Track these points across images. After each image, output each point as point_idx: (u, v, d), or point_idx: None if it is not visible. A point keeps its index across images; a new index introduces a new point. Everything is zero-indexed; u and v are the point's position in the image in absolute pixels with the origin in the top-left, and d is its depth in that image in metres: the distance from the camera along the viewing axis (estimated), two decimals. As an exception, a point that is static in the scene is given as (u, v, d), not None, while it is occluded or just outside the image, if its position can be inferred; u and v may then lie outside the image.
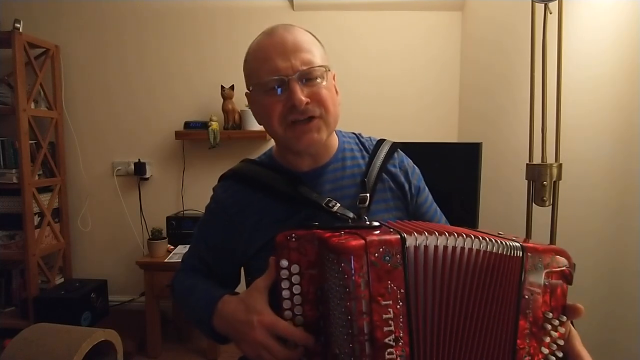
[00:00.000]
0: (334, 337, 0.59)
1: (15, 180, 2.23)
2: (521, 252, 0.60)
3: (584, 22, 1.35)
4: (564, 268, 0.62)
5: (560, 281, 0.61)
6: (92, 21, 2.48)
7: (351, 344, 0.56)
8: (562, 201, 1.24)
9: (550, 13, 1.21)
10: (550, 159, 1.24)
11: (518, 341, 0.59)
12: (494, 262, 0.59)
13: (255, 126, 2.36)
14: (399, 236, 0.58)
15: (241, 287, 0.77)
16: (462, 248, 0.59)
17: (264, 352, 0.64)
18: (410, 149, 0.97)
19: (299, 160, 0.82)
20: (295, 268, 0.64)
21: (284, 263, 0.64)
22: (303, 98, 0.71)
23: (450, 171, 1.77)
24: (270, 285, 0.67)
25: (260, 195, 0.81)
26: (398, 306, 0.56)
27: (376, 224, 0.67)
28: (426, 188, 0.93)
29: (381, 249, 0.56)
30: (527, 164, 1.29)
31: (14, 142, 2.24)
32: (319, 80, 0.74)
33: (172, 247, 2.30)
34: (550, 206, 1.24)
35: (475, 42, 2.29)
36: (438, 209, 0.95)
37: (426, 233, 0.59)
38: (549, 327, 0.60)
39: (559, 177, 1.23)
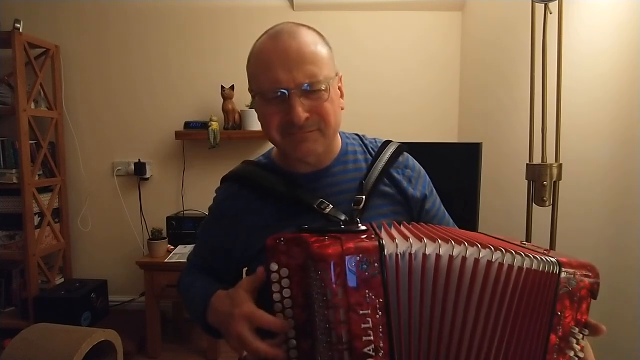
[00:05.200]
0: (317, 343, 0.58)
1: (15, 180, 2.23)
2: (557, 269, 0.59)
3: (584, 22, 1.35)
4: (593, 283, 0.61)
5: (587, 295, 0.61)
6: (92, 21, 2.48)
7: (330, 352, 0.55)
8: (562, 201, 1.25)
9: (550, 13, 1.21)
10: (550, 159, 1.24)
11: (547, 356, 0.59)
12: (524, 279, 0.58)
13: (255, 126, 2.36)
14: (377, 243, 0.56)
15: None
16: (488, 261, 0.57)
17: (239, 343, 0.64)
18: (410, 148, 0.97)
19: (298, 163, 0.82)
20: (284, 271, 0.62)
21: (274, 266, 0.62)
22: (302, 115, 0.70)
23: (450, 171, 1.76)
24: (256, 285, 0.68)
25: (257, 197, 0.81)
26: (377, 316, 0.54)
27: (363, 227, 0.64)
28: (433, 192, 0.91)
29: (358, 257, 0.55)
30: (527, 164, 1.29)
31: (14, 142, 2.24)
32: (322, 91, 0.71)
33: (172, 247, 2.29)
34: (550, 206, 1.24)
35: (475, 42, 2.29)
36: (447, 213, 0.93)
37: (426, 240, 0.57)
38: (574, 340, 0.60)
39: (559, 177, 1.23)
